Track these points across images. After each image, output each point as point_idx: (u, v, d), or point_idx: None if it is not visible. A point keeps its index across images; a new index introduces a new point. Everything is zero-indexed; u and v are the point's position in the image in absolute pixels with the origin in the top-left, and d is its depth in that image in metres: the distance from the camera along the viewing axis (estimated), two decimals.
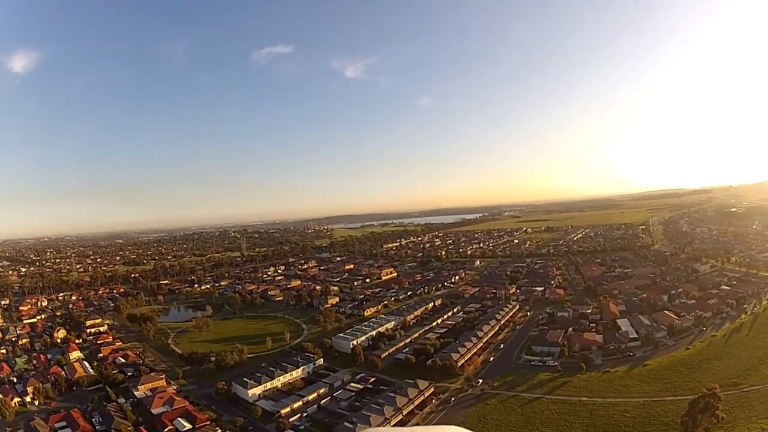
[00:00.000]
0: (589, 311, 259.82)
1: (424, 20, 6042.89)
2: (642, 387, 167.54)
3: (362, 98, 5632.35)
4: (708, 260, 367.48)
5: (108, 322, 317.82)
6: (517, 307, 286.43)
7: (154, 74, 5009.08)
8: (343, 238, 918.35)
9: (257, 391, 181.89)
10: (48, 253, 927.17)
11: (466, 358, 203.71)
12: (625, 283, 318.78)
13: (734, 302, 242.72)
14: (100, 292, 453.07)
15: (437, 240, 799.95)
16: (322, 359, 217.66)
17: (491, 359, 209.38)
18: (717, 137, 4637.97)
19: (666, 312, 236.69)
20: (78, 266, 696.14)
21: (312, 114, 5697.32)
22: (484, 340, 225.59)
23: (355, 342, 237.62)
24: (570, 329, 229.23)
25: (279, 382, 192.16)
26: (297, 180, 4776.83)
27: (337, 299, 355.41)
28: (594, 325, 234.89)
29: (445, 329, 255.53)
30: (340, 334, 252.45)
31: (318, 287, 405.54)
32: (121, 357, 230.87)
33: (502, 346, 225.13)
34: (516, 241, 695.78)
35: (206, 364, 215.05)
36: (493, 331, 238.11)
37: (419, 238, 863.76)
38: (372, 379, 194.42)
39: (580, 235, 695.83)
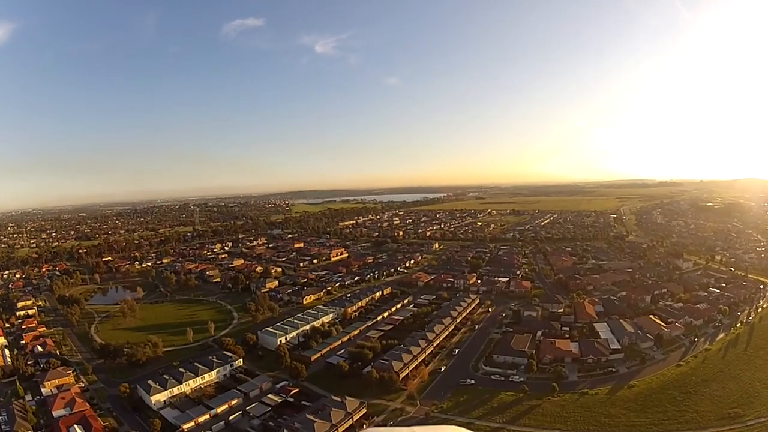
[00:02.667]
0: (561, 311, 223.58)
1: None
2: (629, 417, 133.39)
3: (331, 74, 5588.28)
4: (690, 257, 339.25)
5: (40, 303, 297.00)
6: (477, 300, 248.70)
7: (123, 44, 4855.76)
8: (298, 214, 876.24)
9: (162, 397, 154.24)
10: (8, 228, 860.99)
11: (411, 367, 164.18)
12: (601, 278, 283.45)
13: (727, 309, 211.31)
14: (44, 269, 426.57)
15: (396, 219, 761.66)
16: (242, 360, 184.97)
17: (442, 369, 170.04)
18: (689, 132, 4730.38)
19: (651, 317, 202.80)
20: (32, 241, 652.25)
21: (280, 88, 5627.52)
22: (436, 344, 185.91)
23: (283, 339, 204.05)
24: (539, 333, 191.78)
25: (188, 387, 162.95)
26: (264, 155, 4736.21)
27: (277, 283, 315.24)
28: (567, 329, 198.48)
29: (391, 326, 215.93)
30: (268, 329, 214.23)
31: (259, 268, 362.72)
32: (40, 345, 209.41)
33: (456, 351, 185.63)
34: (479, 223, 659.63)
35: (119, 359, 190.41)
36: (447, 332, 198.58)
37: (378, 217, 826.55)
38: (294, 391, 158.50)
39: (548, 220, 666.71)
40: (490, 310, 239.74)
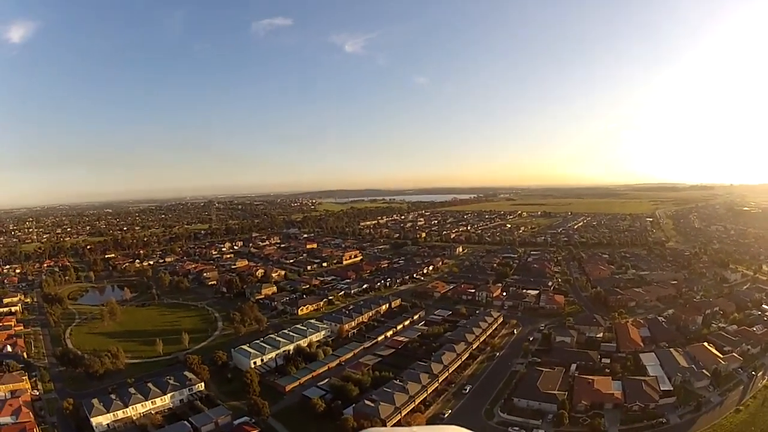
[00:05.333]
0: (600, 336, 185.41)
1: None
2: None
3: (360, 73, 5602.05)
4: (737, 267, 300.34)
5: (28, 300, 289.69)
6: (501, 319, 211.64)
7: (151, 41, 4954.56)
8: (318, 213, 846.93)
9: (104, 420, 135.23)
10: (27, 223, 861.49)
11: (405, 412, 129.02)
12: (644, 292, 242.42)
13: None
14: (45, 265, 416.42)
15: (421, 220, 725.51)
16: (203, 384, 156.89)
17: (446, 414, 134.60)
18: (718, 136, 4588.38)
19: (705, 345, 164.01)
20: (44, 236, 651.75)
21: (310, 88, 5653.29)
22: (442, 378, 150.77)
23: (258, 360, 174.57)
24: (573, 367, 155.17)
25: (135, 411, 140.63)
26: (292, 154, 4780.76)
27: (275, 289, 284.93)
28: (608, 360, 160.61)
29: (392, 350, 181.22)
30: (243, 346, 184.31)
31: (260, 271, 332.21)
32: (10, 345, 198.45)
33: (468, 388, 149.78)
34: (509, 225, 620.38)
35: (79, 368, 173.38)
36: (459, 362, 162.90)
37: (402, 217, 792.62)
38: None
39: (581, 223, 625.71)
40: (515, 331, 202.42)
